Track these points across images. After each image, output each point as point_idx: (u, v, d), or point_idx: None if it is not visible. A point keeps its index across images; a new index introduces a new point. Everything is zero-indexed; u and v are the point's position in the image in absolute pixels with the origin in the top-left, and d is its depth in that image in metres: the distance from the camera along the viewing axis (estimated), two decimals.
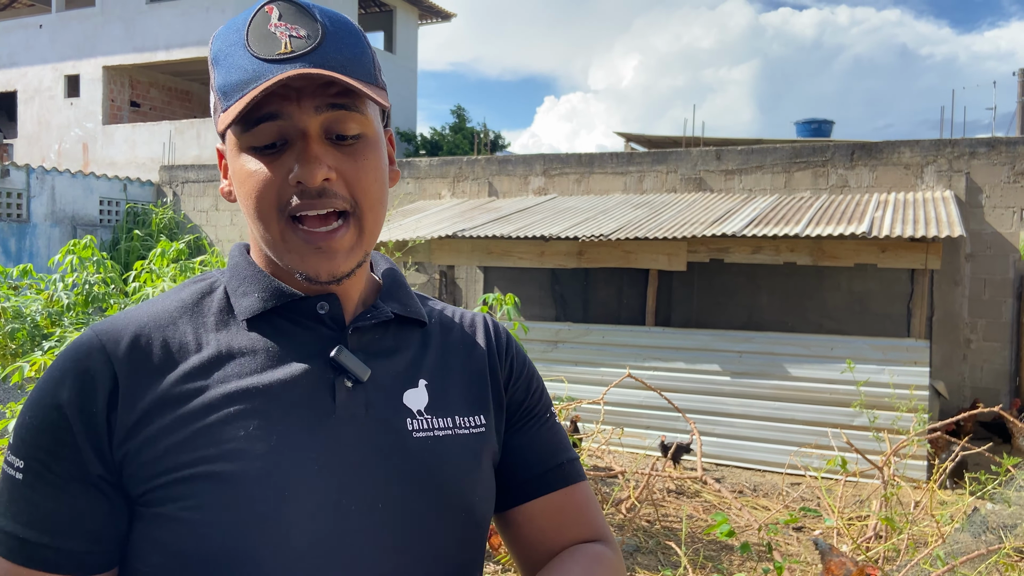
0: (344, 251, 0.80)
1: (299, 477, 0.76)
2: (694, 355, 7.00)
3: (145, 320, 0.81)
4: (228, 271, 0.87)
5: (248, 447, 0.76)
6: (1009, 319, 7.92)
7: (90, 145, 16.17)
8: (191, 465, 0.75)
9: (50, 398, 0.76)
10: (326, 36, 0.78)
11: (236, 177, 0.81)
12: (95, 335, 0.79)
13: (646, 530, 4.88)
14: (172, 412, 0.76)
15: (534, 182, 10.15)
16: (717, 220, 7.37)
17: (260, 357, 0.81)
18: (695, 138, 15.60)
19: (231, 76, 0.78)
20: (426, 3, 19.71)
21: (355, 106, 0.79)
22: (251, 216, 0.81)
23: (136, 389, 0.77)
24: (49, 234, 11.73)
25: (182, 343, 0.80)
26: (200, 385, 0.78)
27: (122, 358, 0.77)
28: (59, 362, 0.79)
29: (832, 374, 6.40)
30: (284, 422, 0.78)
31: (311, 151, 0.77)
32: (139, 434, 0.75)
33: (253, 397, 0.78)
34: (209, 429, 0.76)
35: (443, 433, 0.85)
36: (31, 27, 17.12)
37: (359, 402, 0.81)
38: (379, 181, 0.83)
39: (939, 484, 4.56)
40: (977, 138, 8.27)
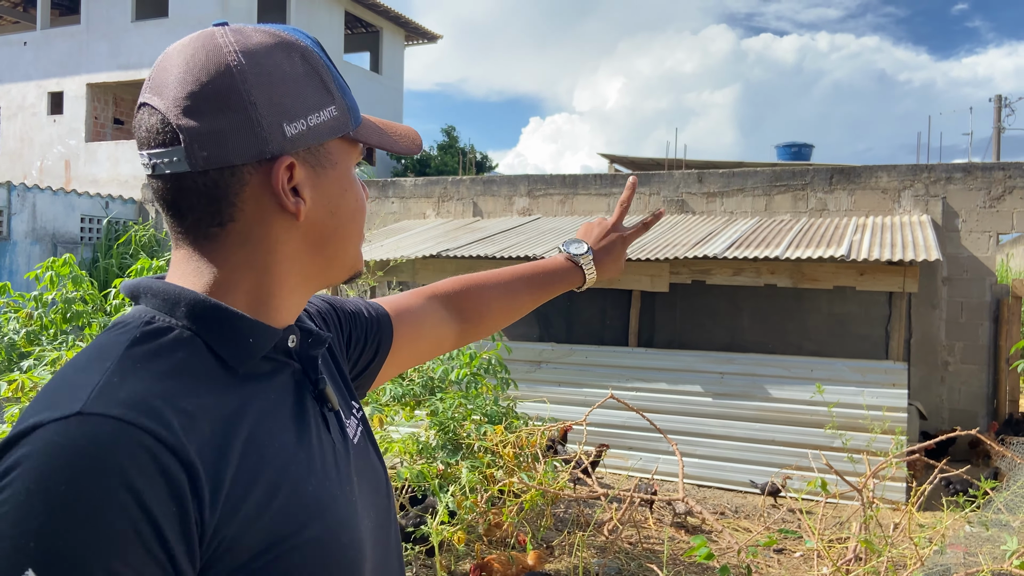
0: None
1: (357, 514, 0.80)
2: (676, 376, 7.03)
3: (158, 394, 0.66)
4: (194, 319, 0.74)
5: (323, 502, 0.75)
6: (986, 342, 8.02)
7: (73, 162, 16.09)
8: (294, 535, 0.70)
9: (111, 513, 0.58)
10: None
11: (346, 184, 0.82)
12: (122, 426, 0.61)
13: (628, 552, 4.88)
14: (253, 485, 0.69)
15: (518, 203, 10.20)
16: (699, 242, 7.43)
17: (270, 407, 0.76)
18: (678, 160, 15.75)
19: (351, 99, 0.83)
20: (412, 24, 19.84)
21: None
22: (355, 219, 0.84)
23: (216, 476, 0.66)
24: (29, 252, 11.64)
25: (214, 412, 0.70)
26: (258, 450, 0.71)
27: (183, 442, 0.64)
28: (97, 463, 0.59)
29: (812, 395, 6.45)
30: (326, 467, 0.79)
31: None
32: (235, 517, 0.66)
33: (293, 447, 0.75)
34: (292, 493, 0.72)
35: (360, 429, 0.91)
36: (15, 44, 17.08)
37: (338, 429, 0.85)
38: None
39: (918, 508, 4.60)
40: (953, 163, 8.41)
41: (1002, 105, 20.71)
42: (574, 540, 4.71)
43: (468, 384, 4.83)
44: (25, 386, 3.58)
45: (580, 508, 5.29)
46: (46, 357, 4.31)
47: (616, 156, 18.08)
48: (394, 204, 10.90)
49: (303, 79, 0.76)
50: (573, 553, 4.61)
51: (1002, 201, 8.01)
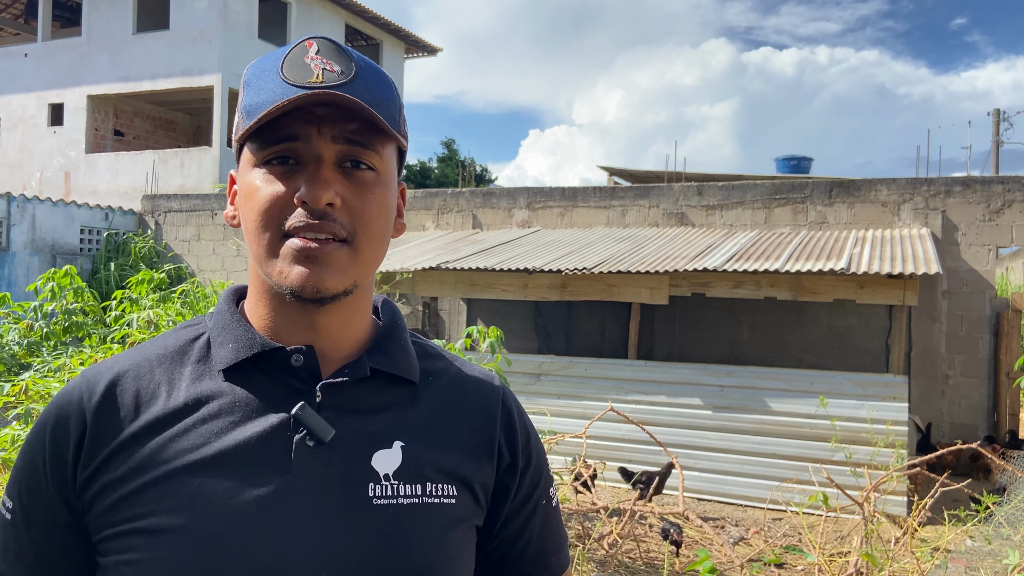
0: (333, 267, 0.78)
1: (236, 538, 0.74)
2: (676, 389, 7.02)
3: (126, 367, 0.83)
4: (213, 318, 0.88)
5: (190, 504, 0.75)
6: (986, 355, 8.01)
7: (72, 173, 16.11)
8: (133, 519, 0.75)
9: (33, 444, 0.80)
10: (358, 75, 0.80)
11: (244, 191, 0.81)
12: (79, 381, 0.82)
13: (628, 566, 4.85)
14: (125, 463, 0.77)
15: (518, 215, 10.21)
16: (699, 255, 7.43)
17: (226, 411, 0.80)
18: (677, 173, 15.79)
19: (258, 97, 0.78)
20: (412, 37, 19.92)
21: (371, 144, 0.80)
22: (251, 229, 0.80)
23: (101, 437, 0.78)
24: (28, 263, 11.63)
25: (153, 392, 0.81)
26: (159, 438, 0.78)
27: (94, 406, 0.79)
28: (48, 407, 0.82)
29: (812, 409, 6.43)
30: (234, 481, 0.76)
31: (321, 174, 0.77)
32: (96, 483, 0.77)
33: (206, 452, 0.77)
34: (156, 483, 0.76)
35: (408, 501, 0.80)
36: (16, 56, 17.13)
37: (319, 463, 0.78)
38: (383, 218, 0.82)
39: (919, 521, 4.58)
40: (953, 177, 8.43)
41: (1001, 119, 20.79)
42: (573, 554, 4.68)
43: None
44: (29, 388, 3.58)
45: (580, 521, 5.26)
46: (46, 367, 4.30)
47: (615, 169, 18.13)
48: None
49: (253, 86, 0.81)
50: (573, 566, 4.59)
51: (1001, 214, 8.02)
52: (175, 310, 4.71)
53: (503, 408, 0.92)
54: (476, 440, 0.88)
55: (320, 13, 17.48)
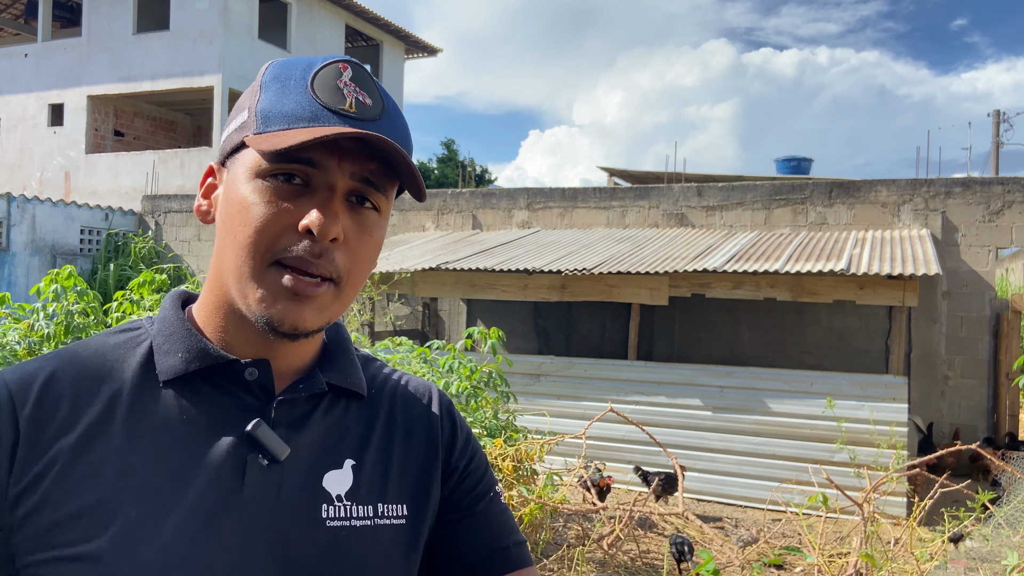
0: (317, 306, 0.74)
1: (190, 566, 0.69)
2: (676, 389, 7.02)
3: (60, 368, 0.75)
4: (156, 324, 0.81)
5: (137, 530, 0.69)
6: (986, 356, 8.01)
7: (72, 174, 16.12)
8: (70, 544, 0.68)
9: None
10: (385, 111, 0.77)
11: (235, 200, 0.75)
12: (3, 382, 0.73)
13: (627, 566, 4.86)
14: (65, 480, 0.70)
15: (518, 215, 10.21)
16: (698, 255, 7.44)
17: (173, 425, 0.74)
18: (677, 174, 15.79)
19: (282, 105, 0.74)
20: (412, 38, 19.93)
21: (383, 187, 0.77)
22: (237, 244, 0.74)
23: (36, 448, 0.70)
24: (28, 263, 11.64)
25: (92, 400, 0.74)
26: (101, 453, 0.71)
27: (28, 411, 0.71)
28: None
29: (812, 409, 6.43)
30: (184, 504, 0.71)
31: (333, 207, 0.73)
32: (30, 499, 0.69)
33: (156, 472, 0.72)
34: (101, 505, 0.69)
35: (360, 523, 0.78)
36: (16, 56, 17.14)
37: (272, 483, 0.75)
38: (372, 261, 0.80)
39: (919, 522, 4.59)
40: (953, 178, 8.43)
41: (1001, 120, 20.81)
42: (573, 554, 4.68)
43: (468, 397, 4.82)
44: None
45: (580, 522, 5.27)
46: None
47: (615, 169, 18.14)
48: (393, 217, 10.91)
49: (244, 98, 0.79)
50: (572, 568, 4.59)
51: (1001, 215, 8.03)
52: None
53: (443, 412, 0.91)
54: (423, 450, 0.87)
55: (320, 14, 17.49)
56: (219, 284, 0.78)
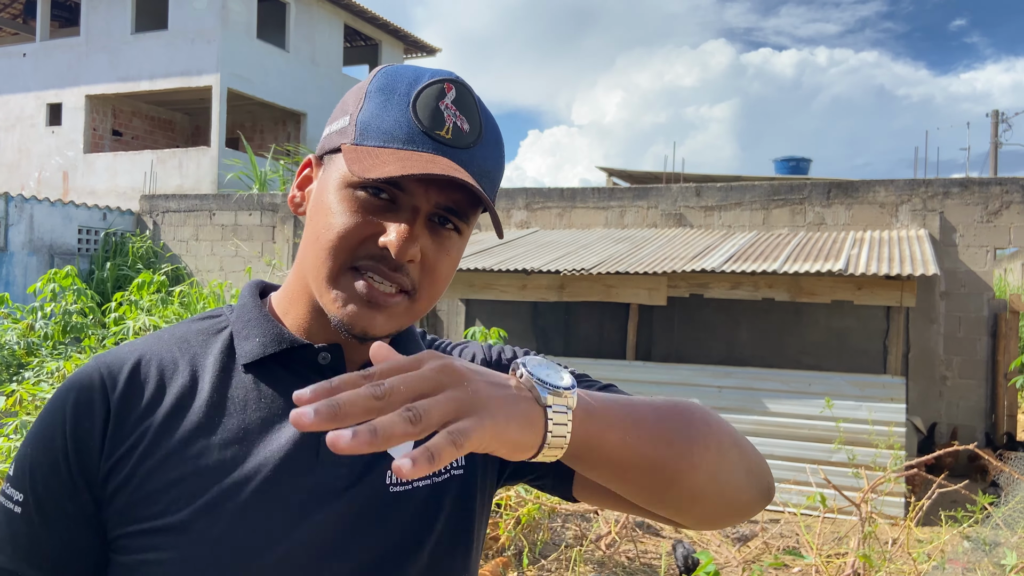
0: (389, 315, 0.77)
1: (268, 536, 0.74)
2: (674, 389, 7.02)
3: (147, 353, 0.80)
4: (236, 311, 0.86)
5: (219, 504, 0.74)
6: (984, 357, 8.02)
7: (71, 174, 16.10)
8: (157, 517, 0.73)
9: (50, 432, 0.76)
10: (482, 138, 0.78)
11: (325, 203, 0.78)
12: (96, 366, 0.78)
13: (625, 567, 4.86)
14: (151, 456, 0.75)
15: (516, 215, 10.21)
16: (697, 256, 7.44)
17: (251, 407, 0.79)
18: (676, 174, 15.80)
19: (382, 121, 0.75)
20: (411, 38, 19.92)
21: (465, 215, 0.79)
22: (320, 245, 0.77)
23: (125, 427, 0.75)
24: (26, 263, 11.62)
25: (177, 382, 0.79)
26: (185, 431, 0.76)
27: (119, 393, 0.76)
28: (60, 393, 0.78)
29: (810, 410, 6.43)
30: (260, 481, 0.75)
31: (414, 230, 0.75)
32: (119, 475, 0.74)
33: (236, 450, 0.76)
34: (185, 480, 0.74)
35: (422, 483, 0.82)
36: (14, 56, 17.12)
37: (343, 460, 0.78)
38: (448, 277, 0.82)
39: (917, 523, 4.59)
40: (951, 178, 8.44)
41: (999, 120, 20.82)
42: (572, 555, 4.68)
43: None
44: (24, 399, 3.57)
45: (578, 522, 5.27)
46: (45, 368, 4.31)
47: (614, 169, 18.15)
48: None
49: (349, 100, 0.81)
50: (570, 568, 4.59)
51: (999, 216, 8.03)
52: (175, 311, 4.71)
53: (483, 356, 0.94)
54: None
55: (319, 14, 17.49)
56: (302, 276, 0.82)
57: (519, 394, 0.62)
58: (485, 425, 0.57)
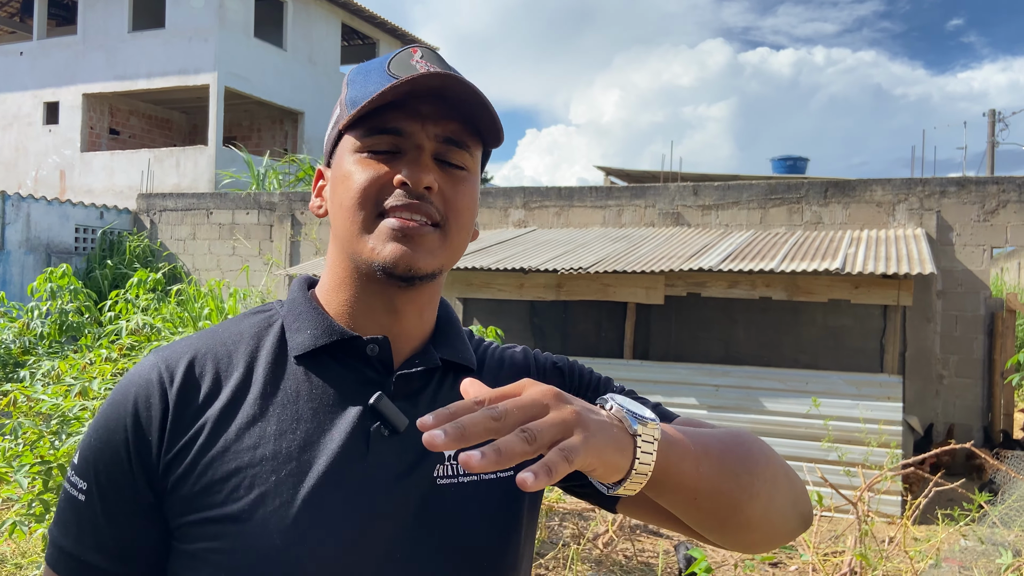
0: (426, 248, 0.81)
1: (323, 528, 0.77)
2: (672, 388, 7.03)
3: (202, 348, 0.84)
4: (286, 305, 0.90)
5: (277, 493, 0.77)
6: (981, 355, 8.03)
7: (68, 172, 16.08)
8: (221, 505, 0.76)
9: (112, 423, 0.80)
10: (459, 79, 0.83)
11: (340, 175, 0.84)
12: (155, 361, 0.82)
13: (623, 565, 4.86)
14: (210, 448, 0.78)
15: (514, 214, 10.21)
16: (694, 255, 7.44)
17: (304, 398, 0.82)
18: (673, 173, 15.81)
19: (365, 90, 0.82)
20: (409, 37, 19.90)
21: (466, 145, 0.84)
22: (346, 207, 0.82)
23: (183, 420, 0.79)
24: (23, 261, 11.61)
25: (232, 375, 0.82)
26: (241, 423, 0.80)
27: (176, 387, 0.80)
28: (122, 385, 0.82)
29: (807, 408, 6.44)
30: (317, 469, 0.79)
31: (422, 160, 0.81)
32: (180, 466, 0.78)
33: (291, 440, 0.79)
34: (243, 471, 0.77)
35: (467, 479, 0.84)
36: (11, 54, 17.09)
37: (392, 451, 0.82)
38: (470, 210, 0.86)
39: (913, 521, 4.60)
40: (948, 177, 8.45)
41: (996, 119, 20.85)
42: (569, 553, 4.69)
43: None
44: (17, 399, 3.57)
45: (575, 521, 5.27)
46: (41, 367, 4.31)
47: (612, 169, 18.15)
48: None
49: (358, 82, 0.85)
50: (568, 566, 4.59)
51: (996, 215, 8.05)
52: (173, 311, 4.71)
53: (544, 367, 0.99)
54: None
55: (317, 12, 17.47)
56: (337, 262, 0.87)
57: (612, 422, 0.68)
58: (589, 444, 0.63)
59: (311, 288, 0.92)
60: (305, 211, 11.35)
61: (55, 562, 0.80)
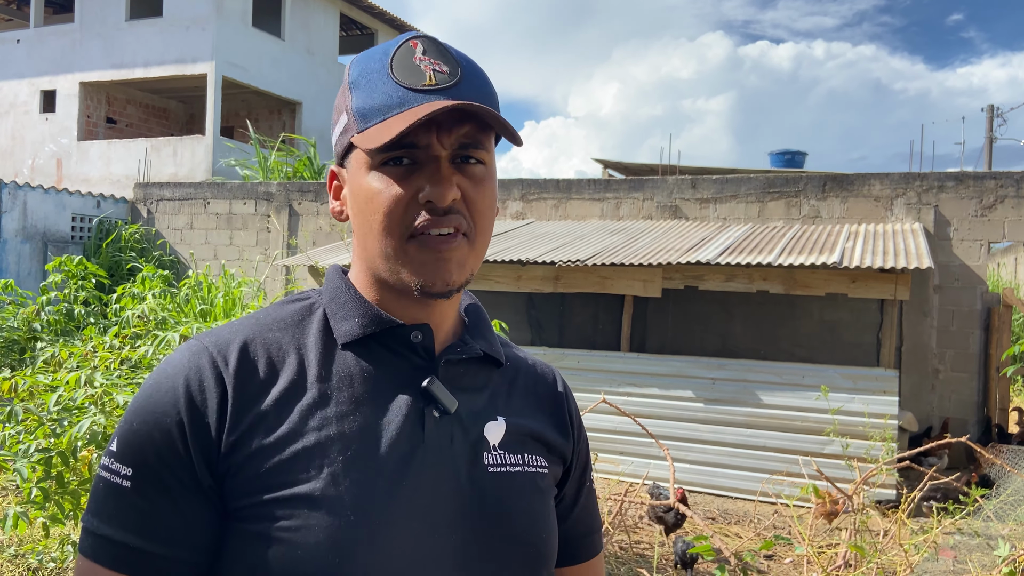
0: (458, 261, 0.83)
1: (390, 506, 0.79)
2: (668, 381, 7.04)
3: (251, 334, 0.85)
4: (327, 293, 0.91)
5: (346, 473, 0.78)
6: (977, 350, 8.05)
7: (64, 161, 16.03)
8: (291, 485, 0.77)
9: (162, 407, 0.79)
10: (463, 74, 0.83)
11: (360, 194, 0.84)
12: (203, 345, 0.82)
13: (618, 557, 4.88)
14: (275, 430, 0.79)
15: (512, 206, 10.20)
16: (692, 248, 7.45)
17: (357, 382, 0.84)
18: (672, 166, 15.80)
19: (373, 100, 0.82)
20: (407, 27, 19.84)
21: (481, 143, 0.84)
22: (374, 231, 0.83)
23: (244, 403, 0.79)
24: (19, 250, 11.58)
25: (286, 361, 0.83)
26: (303, 406, 0.81)
27: (232, 370, 0.80)
28: (167, 369, 0.81)
29: (803, 402, 6.46)
30: (379, 449, 0.81)
31: (442, 173, 0.81)
32: (244, 448, 0.78)
33: (352, 422, 0.81)
34: (310, 452, 0.78)
35: (514, 469, 0.88)
36: (8, 42, 17.00)
37: (445, 433, 0.85)
38: (492, 208, 0.87)
39: (908, 514, 4.61)
40: (946, 172, 8.45)
41: (994, 115, 20.85)
42: None
43: None
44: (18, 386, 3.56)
45: None
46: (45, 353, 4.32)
47: (610, 161, 18.12)
48: None
49: (339, 101, 0.86)
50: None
51: (994, 210, 8.06)
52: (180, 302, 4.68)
53: (566, 394, 1.02)
54: (553, 420, 0.98)
55: (315, 2, 17.40)
56: (366, 264, 0.87)
57: None
58: None
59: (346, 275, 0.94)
60: (303, 201, 11.33)
61: (95, 552, 0.78)
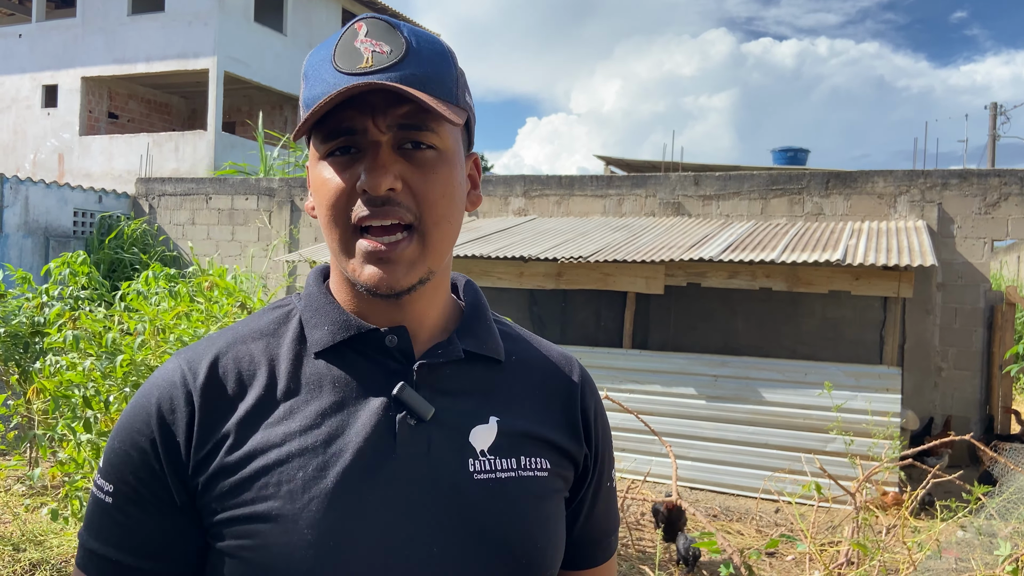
0: (404, 263, 0.79)
1: (355, 520, 0.76)
2: (670, 378, 7.03)
3: (224, 348, 0.83)
4: (304, 299, 0.88)
5: (304, 489, 0.77)
6: (979, 348, 8.03)
7: (66, 156, 16.02)
8: (250, 504, 0.76)
9: (137, 425, 0.80)
10: (408, 53, 0.79)
11: (313, 186, 0.83)
12: (178, 364, 0.82)
13: (620, 553, 4.87)
14: (239, 448, 0.78)
15: (514, 203, 10.19)
16: (694, 245, 7.43)
17: (327, 393, 0.81)
18: (674, 163, 15.79)
19: (315, 89, 0.79)
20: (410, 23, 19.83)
21: (426, 125, 0.79)
22: (323, 223, 0.81)
23: (211, 421, 0.79)
24: (21, 245, 11.57)
25: (255, 374, 0.82)
26: (269, 422, 0.79)
27: (200, 389, 0.80)
28: (146, 387, 0.82)
29: (806, 399, 6.45)
30: (344, 462, 0.78)
31: (379, 160, 0.77)
32: (209, 466, 0.78)
33: (315, 436, 0.79)
34: (269, 469, 0.77)
35: (505, 475, 0.83)
36: (10, 36, 17.00)
37: (420, 441, 0.80)
38: (448, 196, 0.81)
39: (910, 511, 4.60)
40: (949, 169, 8.43)
41: (998, 113, 20.81)
42: None
43: None
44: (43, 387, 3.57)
45: None
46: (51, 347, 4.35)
47: (612, 158, 18.11)
48: None
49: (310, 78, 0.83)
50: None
51: (997, 208, 8.03)
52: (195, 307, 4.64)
53: (582, 388, 0.95)
54: (563, 418, 0.91)
55: None
56: (335, 262, 0.85)
57: None
58: None
59: (326, 280, 0.90)
60: (304, 197, 11.33)
61: (85, 564, 0.80)
